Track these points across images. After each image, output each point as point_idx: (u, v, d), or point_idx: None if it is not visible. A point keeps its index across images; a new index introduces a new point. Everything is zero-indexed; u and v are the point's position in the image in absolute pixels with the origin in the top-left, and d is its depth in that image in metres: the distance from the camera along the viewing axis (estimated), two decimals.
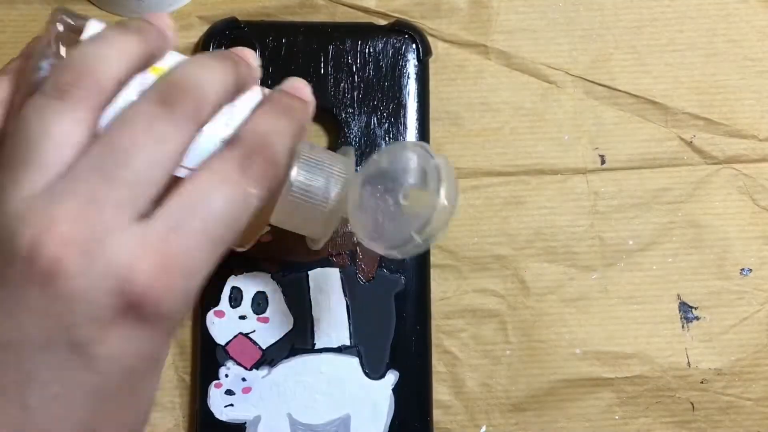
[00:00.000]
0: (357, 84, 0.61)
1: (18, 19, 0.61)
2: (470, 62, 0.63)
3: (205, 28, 0.62)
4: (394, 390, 0.59)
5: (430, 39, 0.63)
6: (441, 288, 0.62)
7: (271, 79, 0.60)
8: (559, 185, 0.62)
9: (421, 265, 0.60)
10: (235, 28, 0.60)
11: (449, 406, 0.61)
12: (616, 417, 0.61)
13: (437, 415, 0.61)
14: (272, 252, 0.59)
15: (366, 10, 0.63)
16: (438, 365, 0.61)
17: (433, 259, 0.61)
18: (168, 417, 0.60)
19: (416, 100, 0.61)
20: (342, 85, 0.60)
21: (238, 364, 0.58)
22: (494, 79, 0.63)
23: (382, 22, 0.62)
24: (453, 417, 0.61)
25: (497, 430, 0.61)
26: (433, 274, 0.61)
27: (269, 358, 0.58)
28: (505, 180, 0.62)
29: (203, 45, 0.61)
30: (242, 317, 0.59)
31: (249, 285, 0.59)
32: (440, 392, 0.61)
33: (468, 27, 0.63)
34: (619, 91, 0.63)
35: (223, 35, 0.60)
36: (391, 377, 0.59)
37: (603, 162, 0.63)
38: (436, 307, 0.61)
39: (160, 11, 0.61)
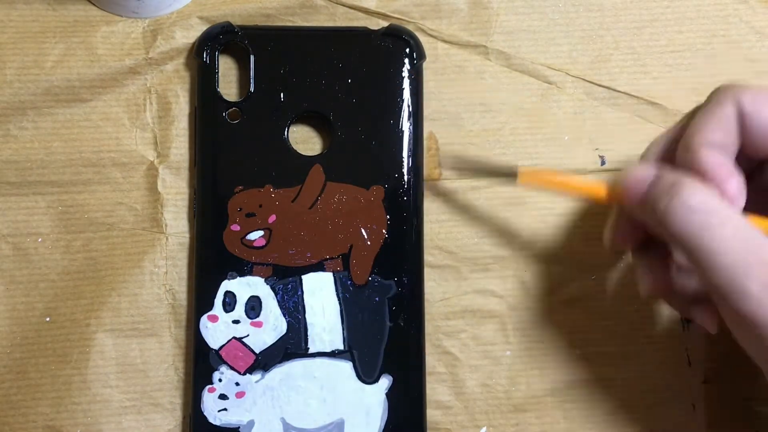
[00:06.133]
0: (351, 88, 0.60)
1: (18, 19, 0.61)
2: (470, 63, 0.63)
3: (205, 28, 0.62)
4: (387, 394, 0.59)
5: (430, 40, 0.63)
6: (441, 289, 0.62)
7: (264, 83, 0.60)
8: None
9: (414, 269, 0.60)
10: (230, 32, 0.61)
11: (449, 407, 0.61)
12: (617, 418, 0.61)
13: (437, 415, 0.61)
14: (266, 256, 0.59)
15: (366, 11, 0.63)
16: (438, 366, 0.61)
17: (433, 260, 0.61)
18: (169, 418, 0.60)
19: (410, 103, 0.60)
20: (336, 89, 0.60)
21: (232, 368, 0.58)
22: (494, 79, 0.63)
23: (383, 22, 0.62)
24: (453, 418, 0.61)
25: (498, 431, 0.61)
26: (433, 274, 0.61)
27: (263, 362, 0.59)
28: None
29: (197, 49, 0.61)
30: (236, 321, 0.59)
31: (243, 289, 0.59)
32: (440, 393, 0.61)
33: (468, 28, 0.63)
34: (619, 91, 0.63)
35: (217, 40, 0.60)
36: (385, 382, 0.59)
37: (603, 163, 0.62)
38: (436, 308, 0.61)
39: (160, 12, 0.61)
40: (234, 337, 0.59)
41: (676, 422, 0.61)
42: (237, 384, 0.58)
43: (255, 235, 0.59)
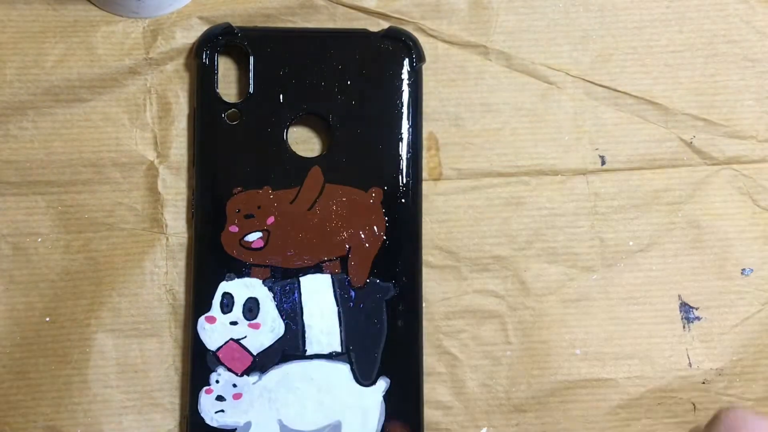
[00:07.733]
0: (350, 90, 0.60)
1: (18, 19, 0.61)
2: (470, 63, 0.63)
3: (205, 28, 0.62)
4: (385, 397, 0.59)
5: (430, 39, 0.63)
6: (441, 289, 0.62)
7: (263, 84, 0.60)
8: (559, 186, 0.62)
9: (413, 271, 0.60)
10: (229, 34, 0.60)
11: (450, 407, 0.61)
12: (618, 418, 0.61)
13: (438, 415, 0.61)
14: (264, 258, 0.59)
15: (366, 11, 0.63)
16: (438, 366, 0.61)
17: (433, 260, 0.61)
18: (169, 418, 0.60)
19: (409, 106, 0.60)
20: (335, 91, 0.60)
21: (229, 370, 0.58)
22: (494, 79, 0.63)
23: (382, 22, 0.62)
24: (453, 418, 0.61)
25: (498, 431, 0.61)
26: (433, 275, 0.61)
27: (260, 364, 0.59)
28: (506, 181, 0.62)
29: (197, 50, 0.61)
30: (233, 323, 0.59)
31: (240, 291, 0.59)
32: (441, 393, 0.61)
33: (468, 28, 0.63)
34: (619, 91, 0.63)
35: (216, 41, 0.60)
36: (383, 384, 0.59)
37: (603, 163, 0.62)
38: (436, 308, 0.61)
39: (160, 12, 0.61)
40: (231, 339, 0.59)
41: (677, 422, 0.61)
42: (234, 385, 0.58)
43: (253, 237, 0.59)
